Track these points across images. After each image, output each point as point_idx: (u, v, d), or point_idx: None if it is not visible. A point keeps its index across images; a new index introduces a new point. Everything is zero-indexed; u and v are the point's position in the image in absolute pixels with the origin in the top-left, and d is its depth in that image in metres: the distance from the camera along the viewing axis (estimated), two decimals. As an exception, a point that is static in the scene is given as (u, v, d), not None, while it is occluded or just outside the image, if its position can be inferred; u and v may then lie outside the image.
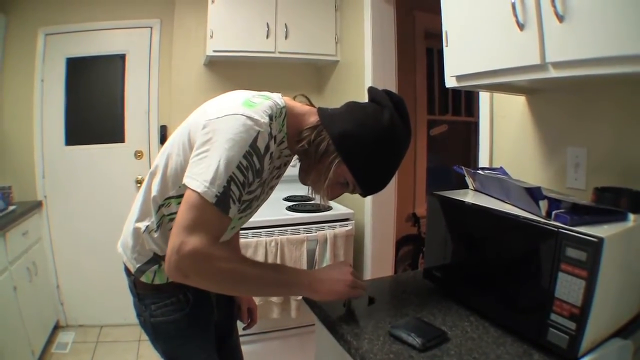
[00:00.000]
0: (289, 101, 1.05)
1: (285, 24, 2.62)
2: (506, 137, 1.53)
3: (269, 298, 2.18)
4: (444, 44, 1.21)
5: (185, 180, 0.89)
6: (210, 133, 0.90)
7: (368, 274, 2.47)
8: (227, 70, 2.95)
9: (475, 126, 3.30)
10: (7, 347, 2.06)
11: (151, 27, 2.94)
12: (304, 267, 2.19)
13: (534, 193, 0.92)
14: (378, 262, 2.50)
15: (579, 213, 0.86)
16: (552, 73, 0.89)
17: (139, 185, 2.89)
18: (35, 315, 2.46)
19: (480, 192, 1.23)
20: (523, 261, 0.93)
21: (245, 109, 0.91)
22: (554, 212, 0.87)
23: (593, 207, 0.90)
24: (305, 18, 2.69)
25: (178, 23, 2.90)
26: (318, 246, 2.27)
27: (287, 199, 2.66)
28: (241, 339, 1.41)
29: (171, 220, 1.01)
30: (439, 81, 3.56)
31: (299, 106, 1.05)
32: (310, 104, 1.09)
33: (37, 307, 2.54)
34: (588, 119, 1.21)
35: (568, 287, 0.80)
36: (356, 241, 2.47)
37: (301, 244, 2.23)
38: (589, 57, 0.80)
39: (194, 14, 2.84)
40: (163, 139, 2.94)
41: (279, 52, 2.66)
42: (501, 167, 1.32)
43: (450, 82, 1.22)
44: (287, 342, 2.35)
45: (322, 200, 1.02)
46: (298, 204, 2.52)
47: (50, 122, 2.84)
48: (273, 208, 2.38)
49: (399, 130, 0.98)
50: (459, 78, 1.19)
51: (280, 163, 1.08)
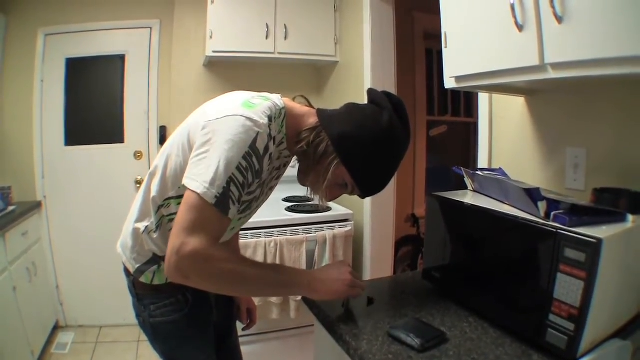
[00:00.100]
0: (288, 102, 1.05)
1: (284, 25, 2.62)
2: (505, 138, 1.54)
3: (268, 299, 2.18)
4: (443, 45, 1.21)
5: (184, 181, 0.89)
6: (209, 134, 0.90)
7: (367, 275, 2.47)
8: (227, 70, 2.95)
9: (474, 127, 3.30)
10: (7, 348, 2.06)
11: (151, 28, 2.94)
12: (303, 268, 2.19)
13: (533, 194, 0.92)
14: (377, 263, 2.50)
15: (578, 214, 0.86)
16: (551, 74, 0.89)
17: (139, 185, 2.89)
18: (34, 315, 2.46)
19: (479, 193, 1.23)
20: (522, 262, 0.93)
21: (244, 110, 0.92)
22: (553, 213, 0.88)
23: (592, 208, 0.90)
24: (304, 19, 2.69)
25: (178, 23, 2.90)
26: (317, 247, 2.27)
27: (287, 200, 2.66)
28: (240, 340, 1.41)
29: (170, 220, 1.02)
30: (439, 82, 3.56)
31: (298, 107, 1.06)
32: (309, 105, 1.09)
33: (37, 308, 2.54)
34: (587, 120, 1.21)
35: (567, 288, 0.80)
36: (355, 242, 2.47)
37: (300, 245, 2.23)
38: (588, 59, 0.80)
39: (194, 15, 2.84)
40: (162, 140, 2.94)
41: (279, 53, 2.66)
42: (500, 168, 1.32)
43: (449, 83, 1.23)
44: (287, 343, 2.35)
45: (321, 201, 1.02)
46: (297, 205, 2.52)
47: (49, 123, 2.84)
48: (272, 209, 2.38)
49: (398, 132, 0.98)
50: (458, 79, 1.19)
51: (279, 164, 1.08)
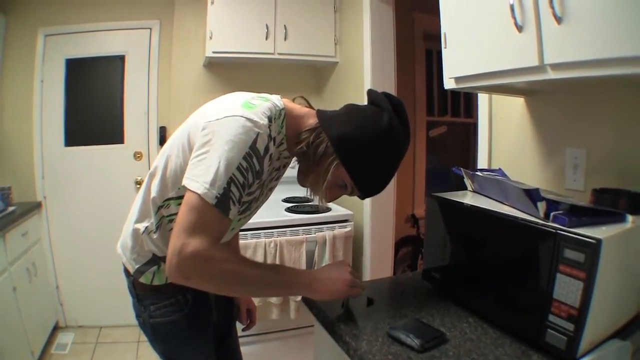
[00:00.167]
0: (288, 103, 1.05)
1: (284, 25, 2.62)
2: (505, 139, 1.54)
3: (268, 299, 2.18)
4: (443, 46, 1.21)
5: (185, 181, 0.89)
6: (209, 134, 0.90)
7: (367, 275, 2.47)
8: (227, 71, 2.95)
9: (474, 127, 3.30)
10: (7, 348, 2.06)
11: (151, 28, 2.94)
12: (303, 268, 2.18)
13: (533, 194, 0.92)
14: (377, 263, 2.50)
15: (578, 214, 0.86)
16: (551, 75, 0.89)
17: (138, 186, 2.89)
18: (34, 315, 2.46)
19: (479, 194, 1.23)
20: (521, 262, 0.93)
21: (244, 111, 0.92)
22: (553, 214, 0.88)
23: (591, 209, 0.90)
24: (304, 19, 2.69)
25: (177, 24, 2.90)
26: (317, 247, 2.27)
27: (286, 200, 2.66)
28: (240, 340, 1.41)
29: (170, 221, 1.02)
30: (438, 82, 3.54)
31: (298, 108, 1.06)
32: (309, 106, 1.09)
33: (37, 308, 2.54)
34: (587, 120, 1.21)
35: (566, 289, 0.80)
36: (355, 242, 2.47)
37: (300, 245, 2.23)
38: (588, 59, 0.80)
39: (194, 15, 2.85)
40: (162, 140, 2.94)
41: (278, 54, 2.66)
42: (500, 169, 1.32)
43: (449, 84, 1.23)
44: (286, 343, 2.35)
45: (321, 202, 1.02)
46: (297, 205, 2.52)
47: (49, 123, 2.84)
48: (272, 209, 2.38)
49: (398, 133, 0.98)
50: (458, 80, 1.19)
51: (279, 165, 1.08)
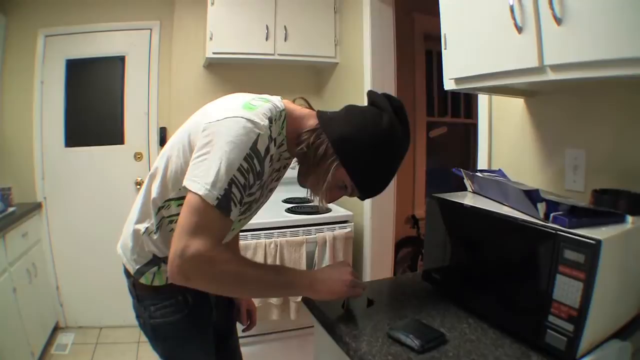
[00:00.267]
0: (289, 104, 1.05)
1: (284, 26, 2.63)
2: (505, 139, 1.54)
3: (269, 300, 2.18)
4: (443, 47, 1.22)
5: (185, 182, 0.89)
6: (210, 135, 0.90)
7: (367, 276, 2.47)
8: (227, 72, 2.95)
9: (474, 128, 3.31)
10: (7, 348, 2.06)
11: (151, 29, 2.94)
12: (304, 269, 2.19)
13: (532, 195, 0.92)
14: (377, 264, 2.50)
15: (577, 215, 0.86)
16: (551, 76, 0.89)
17: (139, 186, 2.89)
18: (34, 316, 2.46)
19: (479, 195, 1.23)
20: (521, 263, 0.93)
21: (245, 112, 0.92)
22: (552, 215, 0.88)
23: (591, 209, 0.90)
24: (304, 20, 2.69)
25: (178, 25, 2.90)
26: (317, 248, 2.27)
27: (287, 201, 2.66)
28: (240, 341, 1.41)
29: (171, 222, 1.02)
30: (438, 83, 3.55)
31: (299, 109, 1.06)
32: (309, 107, 1.09)
33: (37, 309, 2.54)
34: (587, 121, 1.22)
35: (566, 289, 0.80)
36: (355, 243, 2.47)
37: (300, 246, 2.24)
38: (587, 60, 0.81)
39: (194, 16, 2.85)
40: (162, 141, 2.94)
41: (279, 54, 2.66)
42: (500, 170, 1.32)
43: (449, 85, 1.23)
44: (286, 344, 2.35)
45: (321, 202, 1.02)
46: (297, 206, 2.52)
47: (50, 124, 2.84)
48: (272, 210, 2.38)
49: (398, 134, 0.98)
50: (458, 81, 1.20)
51: (279, 166, 1.09)
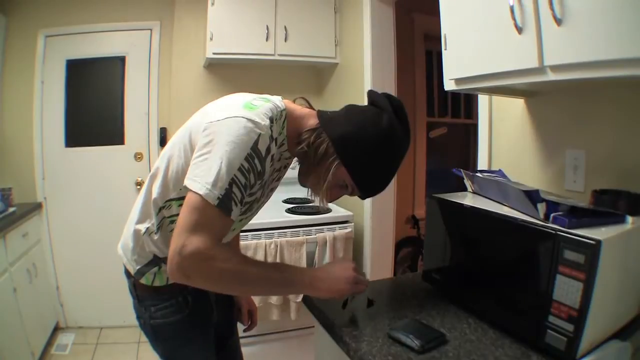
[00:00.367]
0: (289, 104, 1.05)
1: (284, 27, 2.63)
2: (505, 140, 1.54)
3: (269, 300, 2.19)
4: (443, 47, 1.22)
5: (186, 182, 0.89)
6: (211, 135, 0.90)
7: (367, 276, 2.43)
8: (227, 72, 2.95)
9: (474, 128, 3.30)
10: (7, 349, 2.06)
11: (151, 29, 2.95)
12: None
13: (532, 196, 0.93)
14: (377, 264, 2.50)
15: (577, 215, 0.86)
16: (551, 76, 0.90)
17: (139, 187, 2.89)
18: (35, 316, 2.46)
19: (479, 195, 1.23)
20: (521, 263, 0.93)
21: (246, 112, 0.92)
22: (552, 215, 0.88)
23: (591, 210, 0.90)
24: (304, 20, 2.69)
25: (178, 25, 2.90)
26: (317, 248, 2.27)
27: (287, 201, 2.67)
28: (241, 341, 1.41)
29: (172, 222, 1.02)
30: (438, 83, 3.56)
31: (299, 109, 1.06)
32: (309, 107, 1.10)
33: (37, 309, 2.54)
34: (587, 121, 1.22)
35: (566, 290, 0.80)
36: (355, 243, 2.47)
37: (300, 246, 2.24)
38: (587, 60, 0.81)
39: (194, 16, 2.85)
40: (163, 141, 2.94)
41: (279, 55, 2.66)
42: (500, 170, 1.33)
43: (449, 85, 1.23)
44: (287, 344, 2.35)
45: (322, 202, 1.02)
46: (297, 206, 2.52)
47: (50, 124, 2.84)
48: (273, 210, 2.38)
49: (398, 134, 0.98)
50: (458, 81, 1.20)
51: (280, 165, 1.09)
